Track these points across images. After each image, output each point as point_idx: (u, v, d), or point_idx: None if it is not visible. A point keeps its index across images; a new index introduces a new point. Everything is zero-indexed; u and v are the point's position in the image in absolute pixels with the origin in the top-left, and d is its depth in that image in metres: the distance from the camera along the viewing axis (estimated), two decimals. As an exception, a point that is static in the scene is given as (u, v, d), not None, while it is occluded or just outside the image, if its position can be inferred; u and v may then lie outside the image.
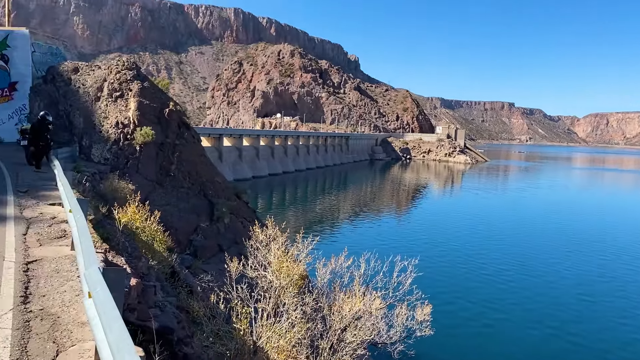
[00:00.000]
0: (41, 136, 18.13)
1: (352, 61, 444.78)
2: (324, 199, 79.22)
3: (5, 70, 30.52)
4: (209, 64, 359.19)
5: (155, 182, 25.68)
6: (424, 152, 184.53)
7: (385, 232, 49.85)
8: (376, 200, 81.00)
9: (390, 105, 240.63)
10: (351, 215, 63.03)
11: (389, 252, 13.46)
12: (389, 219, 61.40)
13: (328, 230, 50.45)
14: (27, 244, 8.26)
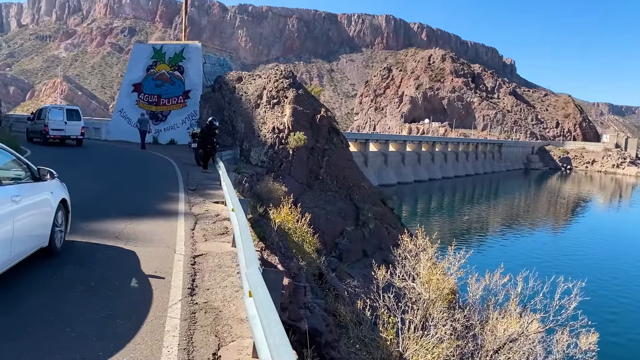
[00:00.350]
0: (209, 140, 19.81)
1: (508, 65, 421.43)
2: (473, 208, 75.96)
3: (180, 80, 34.18)
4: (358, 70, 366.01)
5: (305, 184, 26.68)
6: (587, 163, 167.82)
7: (543, 248, 46.14)
8: (531, 212, 75.51)
9: (549, 111, 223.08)
10: (503, 227, 59.55)
11: (549, 271, 12.28)
12: (546, 234, 56.85)
13: (476, 243, 48.19)
14: (194, 239, 8.97)
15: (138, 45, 41.00)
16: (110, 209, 10.91)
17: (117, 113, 36.39)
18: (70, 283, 6.02)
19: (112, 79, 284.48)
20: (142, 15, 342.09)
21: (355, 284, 12.51)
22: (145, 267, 6.92)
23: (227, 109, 29.49)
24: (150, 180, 16.45)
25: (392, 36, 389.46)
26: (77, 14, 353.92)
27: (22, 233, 5.75)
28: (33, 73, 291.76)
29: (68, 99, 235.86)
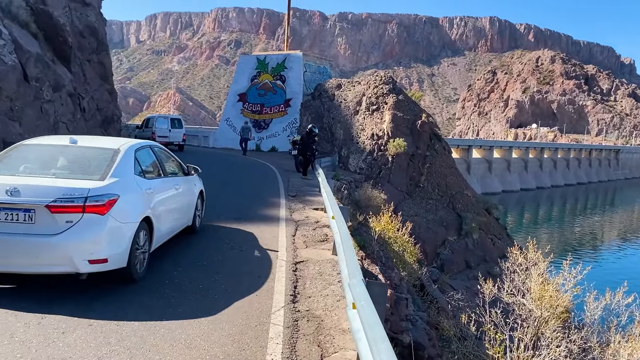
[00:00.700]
0: (308, 147, 20.11)
1: (626, 64, 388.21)
2: (586, 219, 70.56)
3: (282, 89, 35.23)
4: (460, 74, 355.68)
5: (404, 192, 26.21)
6: None
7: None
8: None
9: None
10: (622, 241, 54.65)
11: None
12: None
13: (591, 257, 44.58)
14: (295, 245, 9.05)
15: (243, 57, 42.88)
16: (217, 212, 11.35)
17: (223, 122, 38.25)
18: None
19: (219, 90, 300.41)
20: (247, 28, 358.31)
21: (459, 297, 11.98)
22: (250, 272, 7.05)
23: (326, 116, 29.82)
24: (253, 185, 16.98)
25: (496, 38, 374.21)
26: (188, 29, 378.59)
27: (179, 212, 8.05)
28: (149, 85, 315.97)
29: (180, 109, 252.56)
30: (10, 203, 5.42)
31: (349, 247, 5.78)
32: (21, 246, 5.40)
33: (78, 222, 5.48)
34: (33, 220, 5.43)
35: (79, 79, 20.11)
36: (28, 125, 16.21)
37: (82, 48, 20.88)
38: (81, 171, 6.14)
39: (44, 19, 18.04)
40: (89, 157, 6.53)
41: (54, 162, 6.39)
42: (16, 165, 6.23)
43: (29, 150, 6.72)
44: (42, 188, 5.57)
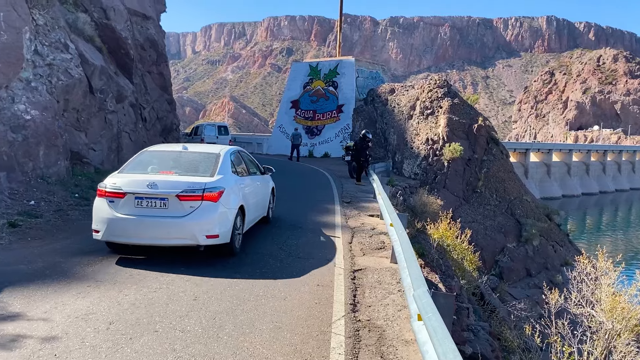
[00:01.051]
0: (362, 152, 20.00)
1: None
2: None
3: (334, 95, 35.28)
4: (516, 76, 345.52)
5: (461, 197, 25.61)
6: None
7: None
8: None
9: None
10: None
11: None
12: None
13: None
14: (352, 252, 8.97)
15: (295, 64, 43.31)
16: (273, 219, 11.43)
17: (277, 129, 38.72)
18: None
19: (271, 97, 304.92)
20: (298, 36, 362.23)
21: (521, 307, 11.52)
22: (309, 280, 7.02)
23: (380, 122, 29.61)
24: (307, 192, 17.03)
25: (554, 38, 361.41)
26: (241, 38, 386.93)
27: (259, 205, 9.81)
28: (205, 94, 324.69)
29: (233, 117, 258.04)
30: (151, 194, 7.33)
31: (410, 256, 5.64)
32: (158, 225, 7.33)
33: (198, 207, 7.34)
34: (167, 206, 7.36)
35: (140, 90, 20.88)
36: (93, 135, 16.96)
37: (142, 60, 21.68)
38: (195, 170, 7.99)
39: (108, 33, 18.86)
40: (198, 159, 8.41)
41: (173, 163, 8.22)
42: (145, 167, 8.13)
43: (152, 155, 8.64)
44: (173, 182, 7.46)
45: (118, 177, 7.87)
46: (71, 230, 9.91)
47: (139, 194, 7.40)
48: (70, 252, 8.05)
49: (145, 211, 7.38)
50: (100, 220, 7.61)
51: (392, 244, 8.14)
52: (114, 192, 7.56)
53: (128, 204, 7.45)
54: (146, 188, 7.35)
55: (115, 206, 7.51)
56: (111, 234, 7.57)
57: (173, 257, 7.82)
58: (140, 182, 7.50)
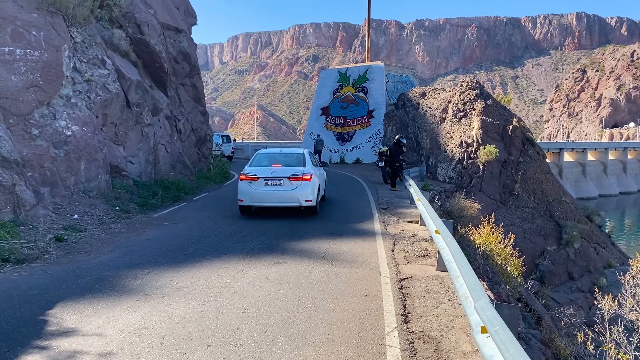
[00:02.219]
0: (396, 158, 19.81)
1: None
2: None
3: (364, 101, 35.12)
4: (546, 75, 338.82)
5: (498, 200, 25.12)
6: None
7: None
8: None
9: None
10: None
11: None
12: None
13: None
14: (396, 260, 8.82)
15: (324, 71, 43.32)
16: (312, 228, 11.37)
17: (307, 135, 38.75)
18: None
19: (298, 105, 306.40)
20: (323, 43, 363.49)
21: (570, 313, 11.12)
22: (355, 290, 6.92)
23: (411, 126, 29.33)
24: (343, 199, 16.92)
25: (584, 34, 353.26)
26: (267, 47, 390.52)
27: (322, 186, 14.33)
28: (233, 104, 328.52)
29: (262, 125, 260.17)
30: (273, 177, 12.57)
31: (464, 264, 5.47)
32: (278, 194, 12.57)
33: (300, 184, 12.49)
34: (282, 184, 12.55)
35: (174, 103, 21.18)
36: (131, 148, 17.24)
37: (176, 73, 21.99)
38: (292, 163, 13.25)
39: (142, 48, 19.20)
40: (293, 157, 13.86)
41: (278, 159, 13.55)
42: (261, 163, 13.41)
43: (264, 156, 14.03)
44: (285, 170, 12.69)
45: (251, 169, 13.07)
46: (115, 243, 10.05)
47: (266, 177, 12.67)
48: (117, 266, 8.14)
49: (270, 187, 12.67)
50: (244, 193, 12.85)
51: (438, 251, 7.97)
52: (252, 177, 12.75)
53: (260, 183, 12.66)
54: (270, 174, 12.71)
55: (252, 185, 12.74)
56: (251, 200, 12.86)
57: (218, 275, 7.91)
58: (266, 170, 12.85)
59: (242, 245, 9.64)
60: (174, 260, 8.46)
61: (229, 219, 12.61)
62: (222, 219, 12.62)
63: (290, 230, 11.25)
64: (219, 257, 8.71)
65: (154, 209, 14.51)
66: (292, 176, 12.54)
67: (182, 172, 19.70)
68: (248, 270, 7.83)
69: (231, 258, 8.60)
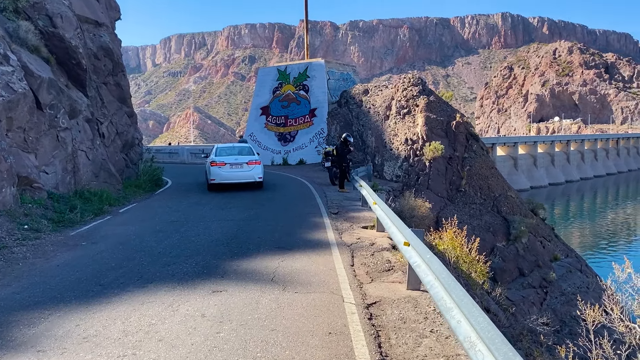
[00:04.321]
0: (343, 157, 18.65)
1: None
2: (619, 211, 67.69)
3: (306, 99, 33.76)
4: (475, 73, 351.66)
5: (445, 198, 24.51)
6: None
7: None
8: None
9: None
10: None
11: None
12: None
13: (623, 251, 42.08)
14: (358, 278, 7.53)
15: (263, 69, 41.61)
16: (256, 242, 9.91)
17: (247, 137, 36.92)
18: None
19: (236, 106, 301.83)
20: (259, 44, 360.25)
21: (543, 321, 10.25)
22: (315, 326, 5.53)
23: (356, 124, 28.32)
24: (290, 204, 15.53)
25: (509, 34, 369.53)
26: (202, 48, 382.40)
27: (260, 171, 18.83)
28: (168, 107, 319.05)
29: (199, 128, 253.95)
30: (236, 162, 18.27)
31: (461, 294, 4.19)
32: (241, 174, 18.33)
33: (254, 167, 18.43)
34: (243, 167, 18.30)
35: (96, 103, 19.01)
36: (44, 156, 15.07)
37: (97, 71, 19.81)
38: (245, 153, 19.06)
39: (55, 42, 16.97)
40: (243, 149, 19.71)
41: (235, 151, 19.31)
42: (222, 153, 18.90)
43: (222, 149, 19.70)
44: (244, 158, 18.51)
45: (219, 157, 18.35)
46: (15, 272, 8.16)
47: (231, 163, 18.13)
48: (8, 306, 6.36)
49: (234, 169, 18.17)
50: (215, 175, 18.10)
51: (408, 264, 6.74)
52: (220, 163, 18.06)
53: (227, 167, 18.04)
54: (234, 161, 18.22)
55: (221, 169, 18.06)
56: (221, 179, 18.13)
57: (141, 315, 6.31)
58: (230, 158, 18.29)
59: (173, 268, 8.03)
60: (86, 295, 6.77)
61: (159, 235, 10.88)
62: (151, 235, 10.89)
63: (232, 244, 9.73)
64: (144, 287, 7.08)
65: (71, 225, 12.53)
66: (249, 161, 18.42)
67: (106, 181, 17.60)
68: (179, 304, 6.28)
69: (158, 288, 7.00)
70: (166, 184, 22.29)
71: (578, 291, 23.57)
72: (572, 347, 8.26)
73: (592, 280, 25.28)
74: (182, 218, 13.06)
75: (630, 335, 7.74)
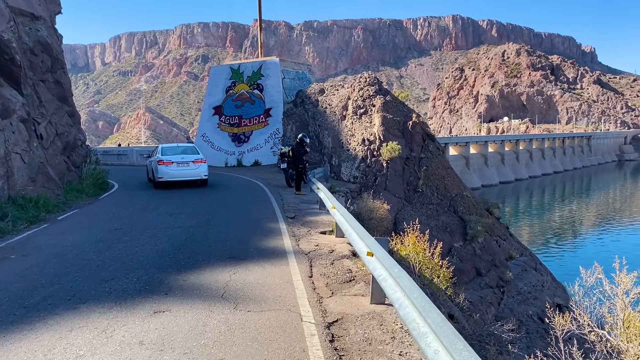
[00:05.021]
0: (300, 159, 18.03)
1: (587, 52, 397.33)
2: (565, 207, 70.17)
3: (260, 99, 32.88)
4: (428, 74, 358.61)
5: (403, 199, 24.28)
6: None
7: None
8: (629, 208, 68.52)
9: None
10: (604, 224, 54.11)
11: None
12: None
13: (573, 244, 43.42)
14: (317, 291, 6.92)
15: (215, 67, 40.41)
16: (206, 252, 9.15)
17: (199, 138, 35.71)
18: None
19: (189, 106, 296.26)
20: (213, 43, 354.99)
21: (509, 328, 9.91)
22: (271, 354, 4.87)
23: (312, 124, 27.75)
24: (243, 208, 14.77)
25: (460, 36, 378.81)
26: (154, 47, 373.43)
27: (205, 169, 20.12)
28: (118, 107, 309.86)
29: (151, 129, 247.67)
30: (183, 161, 19.55)
31: (439, 320, 3.62)
32: (187, 172, 19.58)
33: (200, 165, 19.77)
34: (189, 165, 19.58)
35: (32, 102, 17.65)
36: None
37: (33, 67, 18.43)
38: (190, 152, 20.40)
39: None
40: (189, 148, 21.66)
41: (180, 150, 20.61)
42: (170, 153, 20.01)
43: (168, 149, 20.66)
44: (190, 157, 19.90)
45: (167, 157, 19.51)
46: None
47: (178, 162, 19.30)
48: None
49: (181, 167, 19.30)
50: (163, 173, 19.16)
51: (374, 278, 6.18)
52: (168, 162, 19.26)
53: (174, 166, 19.16)
54: (181, 159, 19.40)
55: (168, 167, 19.14)
56: (169, 177, 19.25)
57: (67, 344, 5.50)
58: (177, 157, 19.44)
59: (112, 285, 7.19)
60: (5, 320, 5.87)
61: (99, 245, 9.94)
62: (90, 246, 9.94)
63: (180, 255, 8.93)
64: (75, 308, 6.23)
65: (1, 235, 11.38)
66: (195, 160, 19.83)
67: (45, 186, 16.33)
68: (114, 329, 5.48)
69: (92, 309, 6.17)
70: (112, 187, 21.06)
71: (534, 290, 23.83)
72: (540, 355, 7.92)
73: (546, 278, 25.63)
74: (127, 225, 12.11)
75: (600, 343, 7.45)
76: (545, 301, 24.56)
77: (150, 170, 21.55)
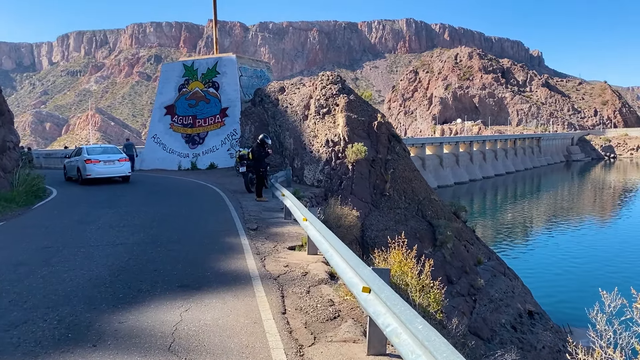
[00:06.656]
0: (261, 162, 16.42)
1: (535, 57, 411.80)
2: (518, 206, 71.23)
3: (216, 97, 30.91)
4: (383, 76, 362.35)
5: (370, 203, 22.96)
6: (631, 149, 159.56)
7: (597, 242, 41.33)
8: (577, 207, 70.28)
9: (585, 99, 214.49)
10: (553, 223, 55.07)
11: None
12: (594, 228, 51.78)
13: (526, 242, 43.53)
14: (294, 335, 5.37)
15: (167, 64, 38.07)
16: (152, 278, 7.44)
17: (150, 139, 33.35)
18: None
19: (142, 107, 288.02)
20: (166, 43, 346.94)
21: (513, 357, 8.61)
22: None
23: (272, 124, 26.10)
24: (198, 218, 13.02)
25: (414, 39, 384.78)
26: (104, 47, 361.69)
27: (129, 167, 22.98)
28: (67, 108, 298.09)
29: (102, 130, 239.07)
30: (109, 160, 21.99)
31: None
32: (114, 169, 22.04)
33: (124, 163, 22.40)
34: (115, 164, 22.04)
35: (-50, 99, 15.33)
36: None
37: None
38: (114, 152, 23.04)
39: None
40: (112, 149, 23.59)
41: (104, 150, 23.01)
42: (95, 153, 22.40)
43: (92, 149, 23.09)
44: (115, 155, 22.65)
45: (94, 156, 21.68)
46: None
47: (105, 160, 21.66)
48: None
49: (108, 166, 21.66)
50: (91, 170, 21.18)
51: (373, 321, 4.69)
52: (95, 160, 21.44)
53: (101, 164, 21.46)
54: (107, 158, 21.79)
55: (96, 165, 21.30)
56: (97, 174, 21.31)
57: None
58: (103, 156, 21.83)
59: (21, 332, 5.40)
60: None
61: (18, 271, 8.03)
62: (8, 271, 8.01)
63: (118, 283, 7.18)
64: (-42, 378, 4.47)
65: None
66: (119, 159, 22.04)
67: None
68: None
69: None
70: (50, 194, 18.79)
71: (505, 296, 22.99)
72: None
73: (515, 284, 24.90)
74: (59, 243, 10.19)
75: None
76: (517, 308, 23.99)
77: (71, 169, 23.75)
